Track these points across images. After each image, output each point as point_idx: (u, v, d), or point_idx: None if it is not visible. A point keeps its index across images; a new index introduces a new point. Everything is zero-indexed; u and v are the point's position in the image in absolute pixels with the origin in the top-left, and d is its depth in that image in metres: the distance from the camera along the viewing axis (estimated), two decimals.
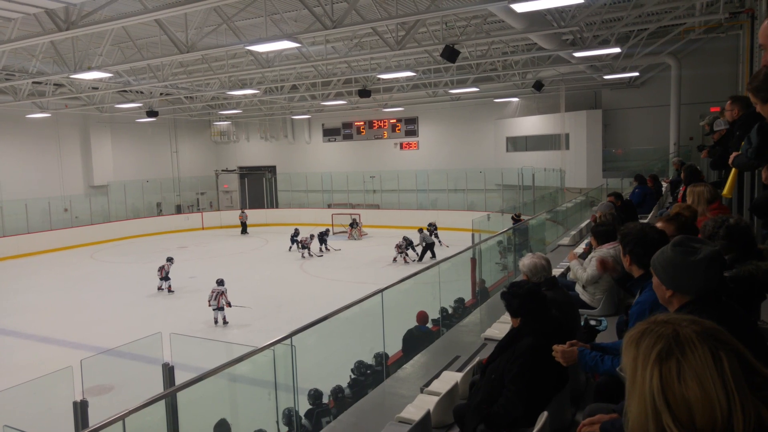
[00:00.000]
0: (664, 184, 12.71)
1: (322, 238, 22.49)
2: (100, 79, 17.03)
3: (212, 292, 13.52)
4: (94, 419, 5.13)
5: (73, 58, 13.48)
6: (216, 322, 13.55)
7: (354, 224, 26.38)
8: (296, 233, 22.86)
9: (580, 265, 5.31)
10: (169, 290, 16.46)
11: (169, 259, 16.83)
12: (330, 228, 25.80)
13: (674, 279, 2.14)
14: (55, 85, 19.38)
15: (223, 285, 13.55)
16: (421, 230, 20.64)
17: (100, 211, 27.95)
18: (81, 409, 5.43)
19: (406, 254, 19.93)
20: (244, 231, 28.90)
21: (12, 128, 24.60)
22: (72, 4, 8.93)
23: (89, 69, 13.45)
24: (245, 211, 30.11)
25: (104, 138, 28.71)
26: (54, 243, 24.72)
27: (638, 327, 1.25)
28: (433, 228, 22.16)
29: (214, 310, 13.51)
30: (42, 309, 15.35)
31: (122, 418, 3.42)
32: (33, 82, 17.72)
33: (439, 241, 21.47)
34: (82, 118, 27.23)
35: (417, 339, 7.36)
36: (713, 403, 1.09)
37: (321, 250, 22.25)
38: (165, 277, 16.44)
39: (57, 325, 13.97)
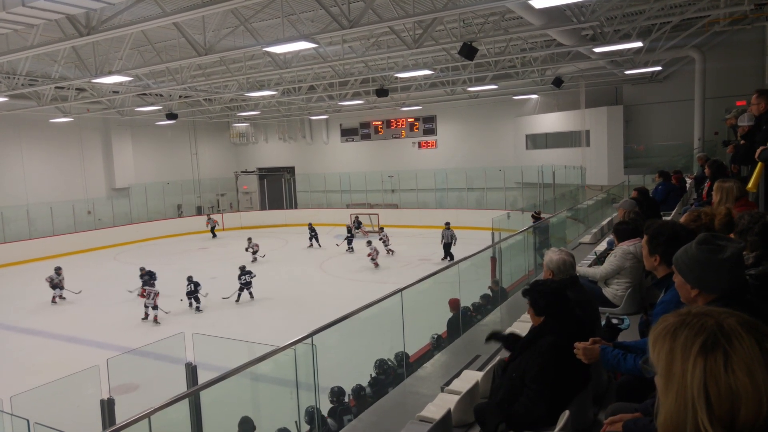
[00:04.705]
0: (689, 181, 12.49)
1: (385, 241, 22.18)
2: (121, 83, 17.32)
3: (148, 293, 14.36)
4: (121, 417, 5.23)
5: (94, 63, 13.71)
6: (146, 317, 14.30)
7: (358, 225, 26.46)
8: (356, 224, 23.75)
9: (589, 267, 5.27)
10: (60, 297, 16.22)
11: (57, 269, 16.44)
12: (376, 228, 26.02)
13: (700, 278, 2.11)
14: (77, 89, 19.72)
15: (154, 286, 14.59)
16: (447, 224, 20.49)
17: (122, 213, 28.39)
18: (108, 407, 5.53)
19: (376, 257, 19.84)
20: (213, 235, 28.36)
21: (36, 133, 25.13)
22: (92, 9, 9.08)
23: (110, 73, 13.68)
24: (212, 216, 29.54)
25: (125, 141, 29.16)
26: (78, 245, 25.18)
27: (669, 320, 1.22)
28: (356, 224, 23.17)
29: (152, 308, 14.24)
30: (68, 309, 15.65)
31: (148, 415, 3.48)
32: (56, 87, 18.05)
33: (351, 248, 21.87)
34: (103, 122, 27.71)
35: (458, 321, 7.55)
36: (761, 395, 1.07)
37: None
38: (56, 286, 16.16)
39: (82, 325, 14.24)
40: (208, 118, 30.92)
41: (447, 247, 19.86)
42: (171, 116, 24.19)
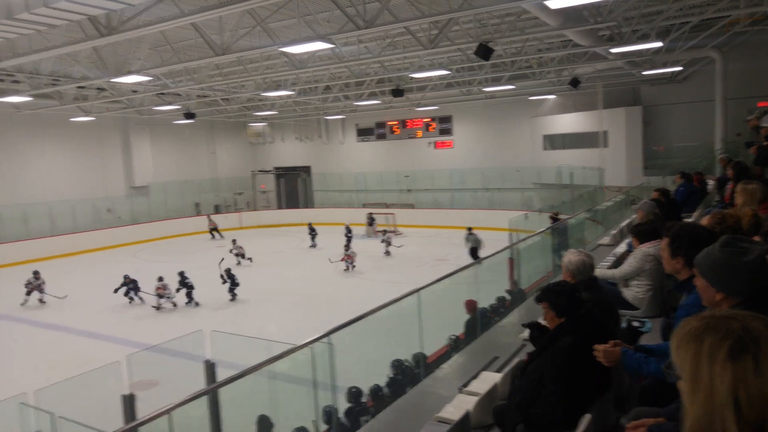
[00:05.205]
0: (710, 182, 12.30)
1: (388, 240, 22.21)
2: (140, 83, 17.51)
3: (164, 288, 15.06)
4: (141, 412, 5.29)
5: (114, 63, 13.90)
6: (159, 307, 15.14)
7: (371, 221, 26.32)
8: (369, 220, 23.84)
9: (605, 269, 5.23)
10: (40, 301, 16.28)
11: (35, 273, 16.38)
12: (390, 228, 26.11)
13: (725, 281, 2.09)
14: (97, 89, 19.99)
15: (163, 280, 15.23)
16: (470, 229, 19.93)
17: (141, 211, 28.72)
18: (129, 403, 5.59)
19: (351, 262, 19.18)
20: (218, 236, 27.77)
21: (58, 132, 25.53)
22: (113, 10, 9.21)
23: (129, 73, 13.84)
24: (211, 216, 29.04)
25: (144, 140, 29.50)
26: (99, 242, 25.54)
27: (693, 323, 1.22)
28: (348, 231, 22.87)
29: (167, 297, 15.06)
30: (89, 306, 15.86)
31: (168, 411, 3.52)
32: (77, 87, 18.33)
33: (347, 245, 21.46)
34: (122, 121, 28.04)
35: (477, 322, 7.52)
36: None
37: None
38: (34, 289, 16.18)
39: (103, 321, 14.46)
40: (225, 117, 31.15)
41: (474, 252, 19.10)
42: (189, 116, 24.39)
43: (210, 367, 5.91)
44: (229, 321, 13.60)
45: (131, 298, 15.94)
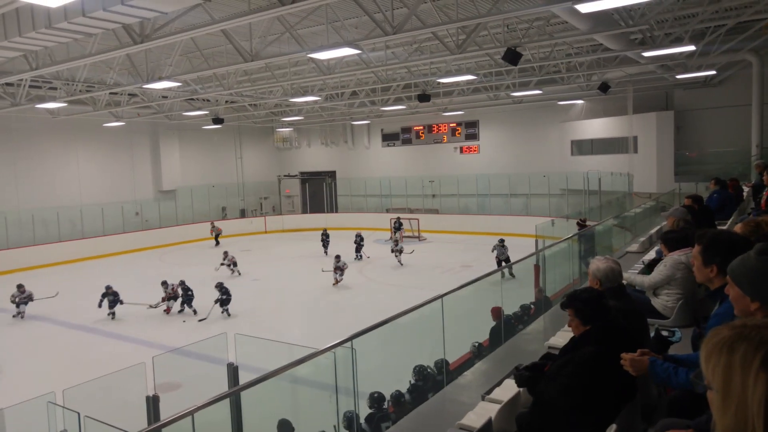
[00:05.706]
0: (746, 189, 11.95)
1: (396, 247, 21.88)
2: (170, 88, 17.88)
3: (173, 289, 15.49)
4: (165, 413, 5.35)
5: (146, 69, 14.20)
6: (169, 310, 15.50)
7: (398, 226, 26.15)
8: (396, 225, 24.24)
9: (636, 275, 5.13)
10: (20, 315, 15.48)
11: (20, 287, 15.61)
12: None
13: (761, 289, 2.01)
14: (129, 95, 20.47)
15: (167, 284, 15.63)
16: (502, 241, 19.03)
17: (168, 214, 29.21)
18: (153, 404, 5.67)
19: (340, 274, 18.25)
20: (217, 243, 27.29)
21: (91, 137, 26.21)
22: (146, 19, 9.40)
23: (160, 79, 14.14)
24: (215, 223, 28.66)
25: (173, 145, 30.05)
26: (126, 245, 26.07)
27: (724, 333, 1.18)
28: (359, 239, 22.48)
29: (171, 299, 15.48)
30: (117, 308, 16.15)
31: (191, 413, 3.55)
32: (110, 93, 18.79)
33: (360, 256, 21.55)
34: (152, 126, 28.65)
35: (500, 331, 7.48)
36: None
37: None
38: (24, 302, 15.50)
39: (129, 323, 14.70)
40: (252, 122, 31.57)
41: (500, 264, 18.18)
42: (217, 121, 24.80)
43: (233, 370, 5.97)
44: (247, 326, 13.68)
45: (113, 313, 15.20)
